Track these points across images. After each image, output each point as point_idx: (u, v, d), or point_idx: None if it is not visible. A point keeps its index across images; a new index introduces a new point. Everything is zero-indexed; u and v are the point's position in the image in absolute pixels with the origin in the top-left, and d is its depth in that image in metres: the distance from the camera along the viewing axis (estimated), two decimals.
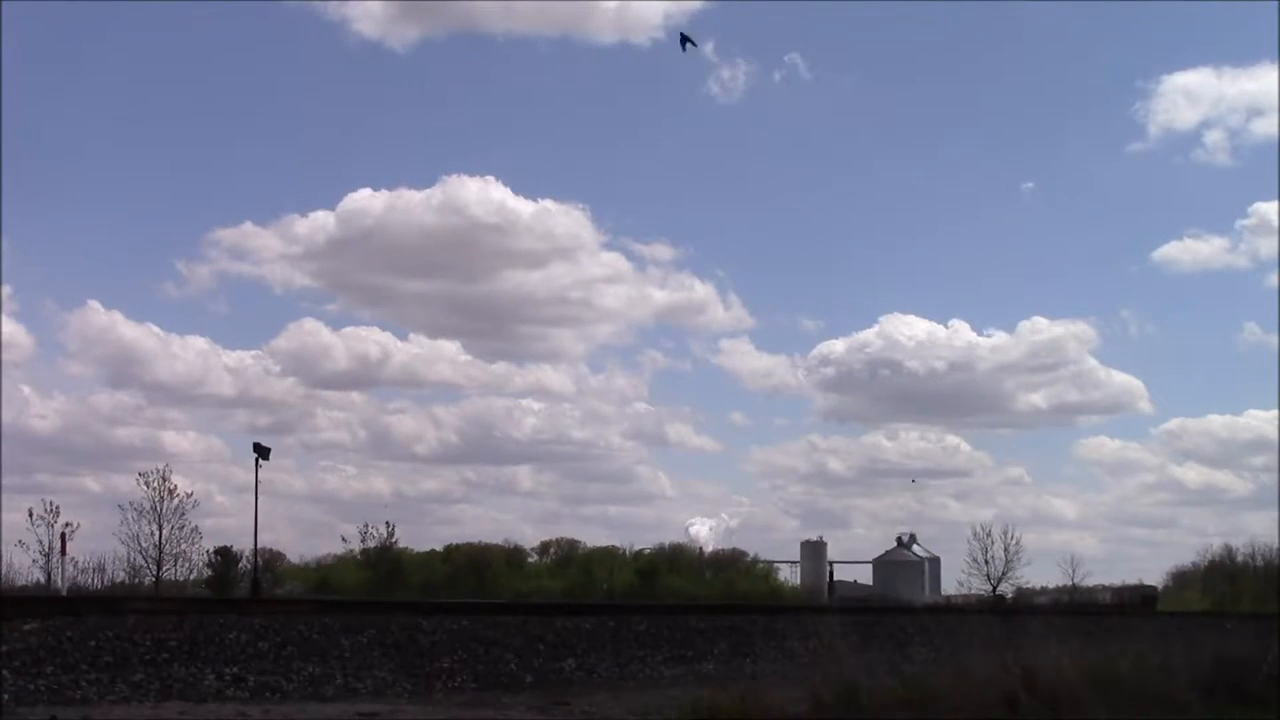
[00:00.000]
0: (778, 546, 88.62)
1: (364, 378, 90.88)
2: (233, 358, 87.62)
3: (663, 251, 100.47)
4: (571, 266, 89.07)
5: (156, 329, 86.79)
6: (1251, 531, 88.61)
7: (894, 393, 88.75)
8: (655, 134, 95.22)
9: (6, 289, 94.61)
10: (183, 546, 46.65)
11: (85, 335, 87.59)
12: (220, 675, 11.40)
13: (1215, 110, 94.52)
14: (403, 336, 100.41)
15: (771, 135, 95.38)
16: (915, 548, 74.03)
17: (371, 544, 56.89)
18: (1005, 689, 11.50)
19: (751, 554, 69.89)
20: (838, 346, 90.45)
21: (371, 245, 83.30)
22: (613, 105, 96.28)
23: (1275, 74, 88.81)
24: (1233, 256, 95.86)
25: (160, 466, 48.82)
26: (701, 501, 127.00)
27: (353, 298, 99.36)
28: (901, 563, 72.55)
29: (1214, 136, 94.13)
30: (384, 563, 56.34)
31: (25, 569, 42.62)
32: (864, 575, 74.47)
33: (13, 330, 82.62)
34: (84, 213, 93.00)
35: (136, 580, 44.65)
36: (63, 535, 38.74)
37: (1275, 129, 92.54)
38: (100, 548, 47.48)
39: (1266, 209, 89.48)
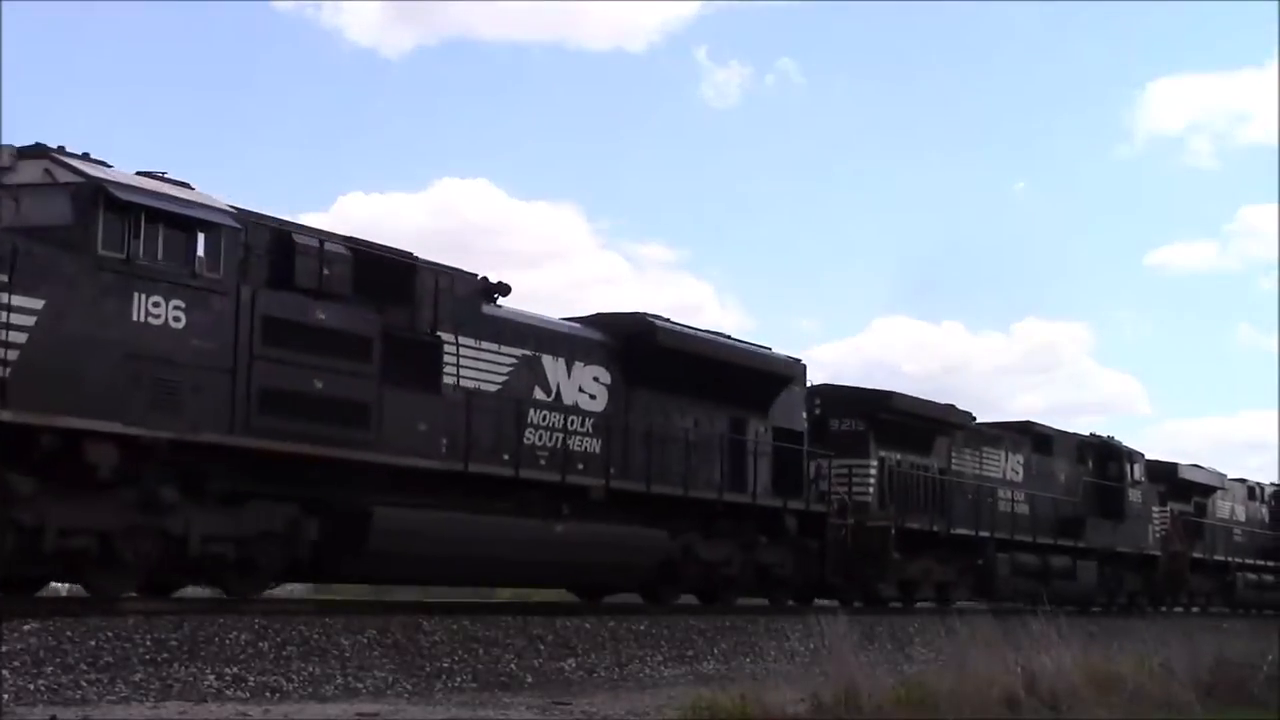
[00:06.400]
0: None
1: None
2: None
3: (660, 252, 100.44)
4: (568, 268, 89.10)
5: None
6: None
7: None
8: (651, 136, 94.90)
9: None
10: None
11: None
12: (220, 675, 11.38)
13: (1201, 115, 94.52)
14: None
15: (767, 137, 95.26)
16: None
17: None
18: (1006, 689, 11.53)
19: None
20: (833, 349, 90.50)
21: None
22: (607, 108, 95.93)
23: (1260, 79, 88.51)
24: (1223, 260, 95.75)
25: None
26: None
27: None
28: None
29: (1200, 141, 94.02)
30: None
31: None
32: None
33: None
34: None
35: None
36: None
37: (1260, 133, 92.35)
38: None
39: (1254, 213, 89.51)
